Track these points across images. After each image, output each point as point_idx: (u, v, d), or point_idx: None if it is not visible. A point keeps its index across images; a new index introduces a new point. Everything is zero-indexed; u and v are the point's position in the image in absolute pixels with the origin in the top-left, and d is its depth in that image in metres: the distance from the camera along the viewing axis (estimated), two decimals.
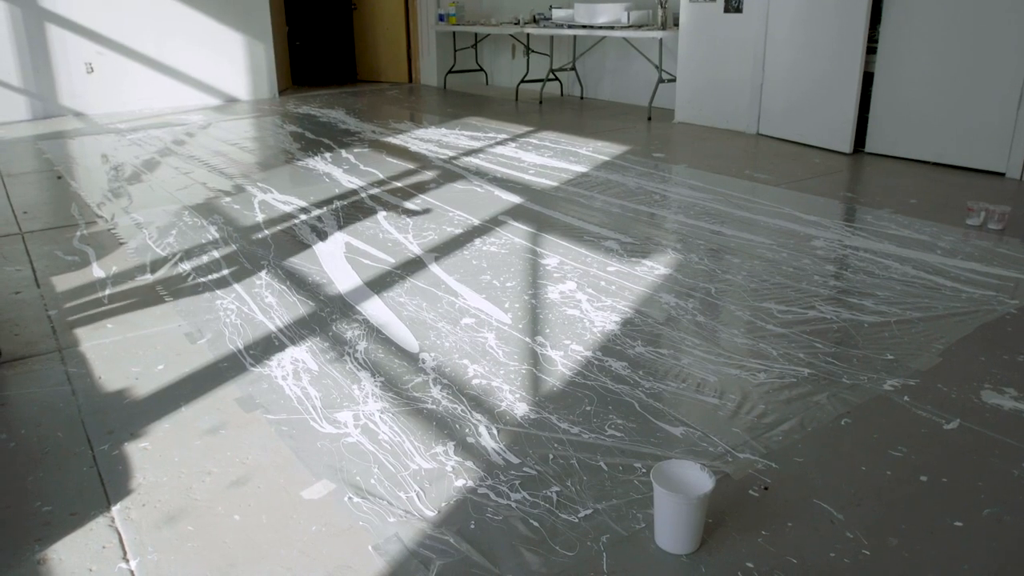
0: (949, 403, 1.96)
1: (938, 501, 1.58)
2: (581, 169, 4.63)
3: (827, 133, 5.03)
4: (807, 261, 2.98)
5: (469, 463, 1.73)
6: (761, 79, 5.51)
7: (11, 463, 1.75)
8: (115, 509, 1.59)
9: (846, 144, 4.90)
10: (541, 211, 3.73)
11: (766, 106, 5.53)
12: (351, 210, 3.79)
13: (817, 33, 4.97)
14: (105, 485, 1.67)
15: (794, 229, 3.39)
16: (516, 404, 1.97)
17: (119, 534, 1.51)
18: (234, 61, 7.92)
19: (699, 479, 1.46)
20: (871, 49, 4.75)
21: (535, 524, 1.52)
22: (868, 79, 4.80)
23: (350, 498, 1.61)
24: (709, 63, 5.90)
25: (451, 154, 5.11)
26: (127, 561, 1.44)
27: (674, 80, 6.32)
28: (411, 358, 2.23)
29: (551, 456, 1.75)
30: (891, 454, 1.74)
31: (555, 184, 4.27)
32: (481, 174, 4.52)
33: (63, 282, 2.88)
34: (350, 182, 4.37)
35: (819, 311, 2.52)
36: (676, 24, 6.24)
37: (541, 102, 7.55)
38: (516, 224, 3.52)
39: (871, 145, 4.89)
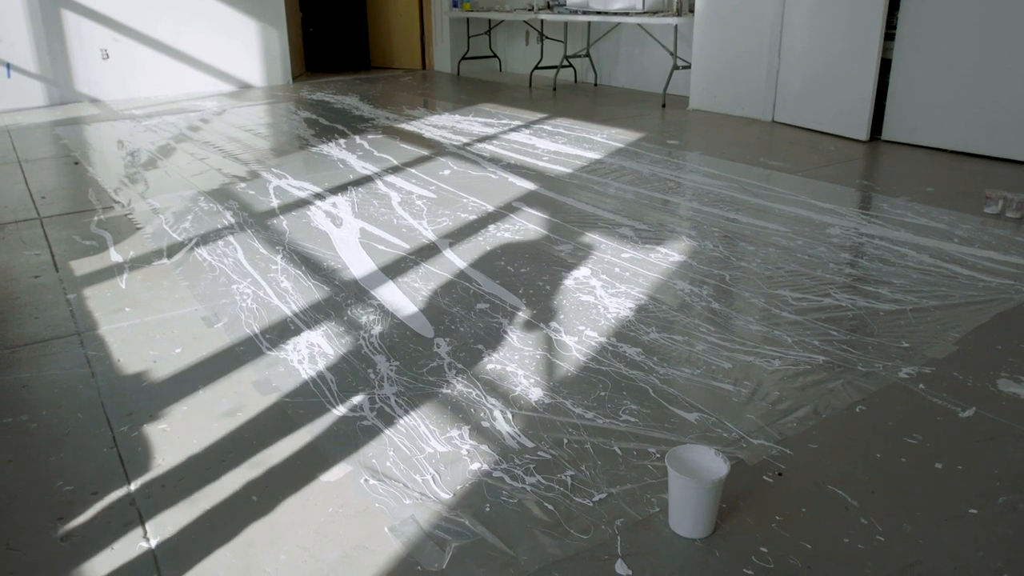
0: (965, 391, 1.95)
1: (953, 488, 1.58)
2: (595, 156, 4.61)
3: (843, 120, 4.98)
4: (822, 249, 2.97)
5: (484, 447, 1.74)
6: (777, 66, 5.46)
7: (33, 444, 1.78)
8: (135, 489, 1.61)
9: (863, 131, 4.86)
10: (555, 197, 3.73)
11: (782, 93, 5.48)
12: (365, 196, 3.80)
13: (834, 19, 4.92)
14: (125, 465, 1.69)
15: (809, 217, 3.37)
16: (531, 389, 1.98)
17: (139, 513, 1.53)
18: (248, 47, 7.94)
19: (714, 464, 1.47)
20: (888, 35, 4.69)
21: (550, 507, 1.53)
22: (885, 66, 4.75)
23: (366, 480, 1.62)
24: (724, 50, 5.86)
25: (465, 140, 5.11)
26: (147, 540, 1.46)
27: (689, 67, 6.28)
28: (426, 343, 2.25)
29: (565, 441, 1.76)
30: (906, 441, 1.74)
31: (569, 171, 4.26)
32: (495, 160, 4.52)
33: (81, 266, 2.91)
34: (364, 168, 4.37)
35: (834, 299, 2.51)
36: (691, 10, 6.20)
37: (555, 89, 7.52)
38: (530, 210, 3.52)
39: (888, 133, 4.85)
